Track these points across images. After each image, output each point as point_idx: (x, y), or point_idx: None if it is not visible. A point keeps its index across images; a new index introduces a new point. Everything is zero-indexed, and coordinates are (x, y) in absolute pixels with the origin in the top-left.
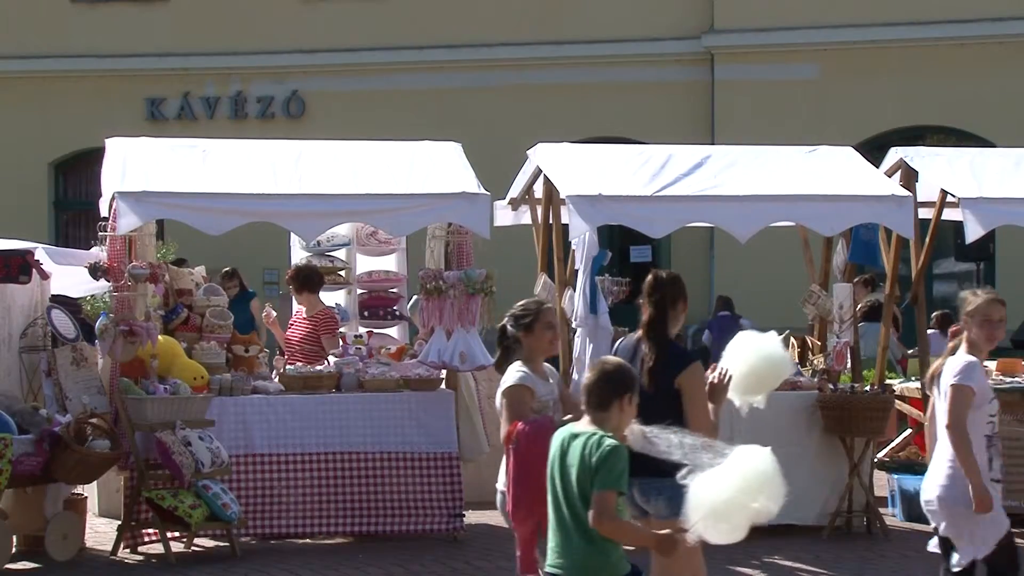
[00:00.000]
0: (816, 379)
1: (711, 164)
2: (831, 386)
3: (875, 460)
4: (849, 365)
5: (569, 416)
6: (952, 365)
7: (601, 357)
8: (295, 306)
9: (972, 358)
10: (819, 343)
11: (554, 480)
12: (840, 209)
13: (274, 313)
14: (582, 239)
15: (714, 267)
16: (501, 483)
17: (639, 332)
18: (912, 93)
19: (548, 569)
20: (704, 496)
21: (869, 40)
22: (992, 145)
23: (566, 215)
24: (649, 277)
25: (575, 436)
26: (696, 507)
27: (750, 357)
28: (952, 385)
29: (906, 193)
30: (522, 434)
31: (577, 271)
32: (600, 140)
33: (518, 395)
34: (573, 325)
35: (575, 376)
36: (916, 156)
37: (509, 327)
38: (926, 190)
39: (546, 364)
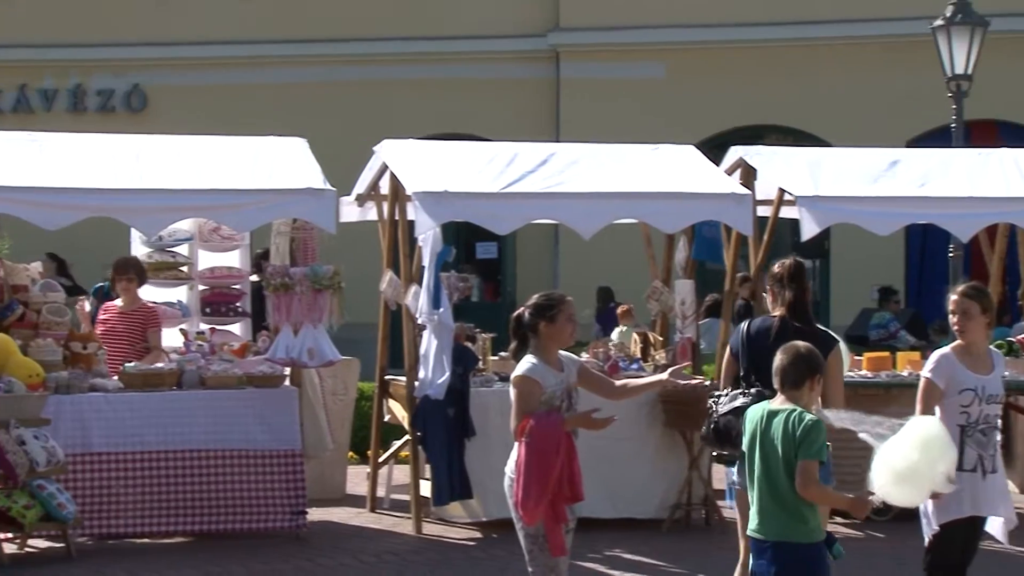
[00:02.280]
0: (667, 375)
1: (556, 161)
2: (681, 380)
3: (713, 453)
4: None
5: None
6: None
7: (791, 342)
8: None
9: (944, 350)
10: (661, 339)
11: (756, 452)
12: (681, 207)
13: (88, 306)
14: (428, 235)
15: (559, 263)
16: (510, 469)
17: (777, 313)
18: (752, 93)
19: (751, 533)
20: (888, 462)
21: (711, 40)
22: (828, 144)
23: (412, 211)
24: (788, 264)
25: (775, 413)
26: (881, 472)
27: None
28: (922, 377)
29: (745, 191)
30: (534, 429)
31: (423, 267)
32: (446, 137)
33: (527, 387)
34: (418, 321)
35: (421, 373)
36: (755, 155)
37: (527, 315)
38: (765, 188)
39: (562, 353)
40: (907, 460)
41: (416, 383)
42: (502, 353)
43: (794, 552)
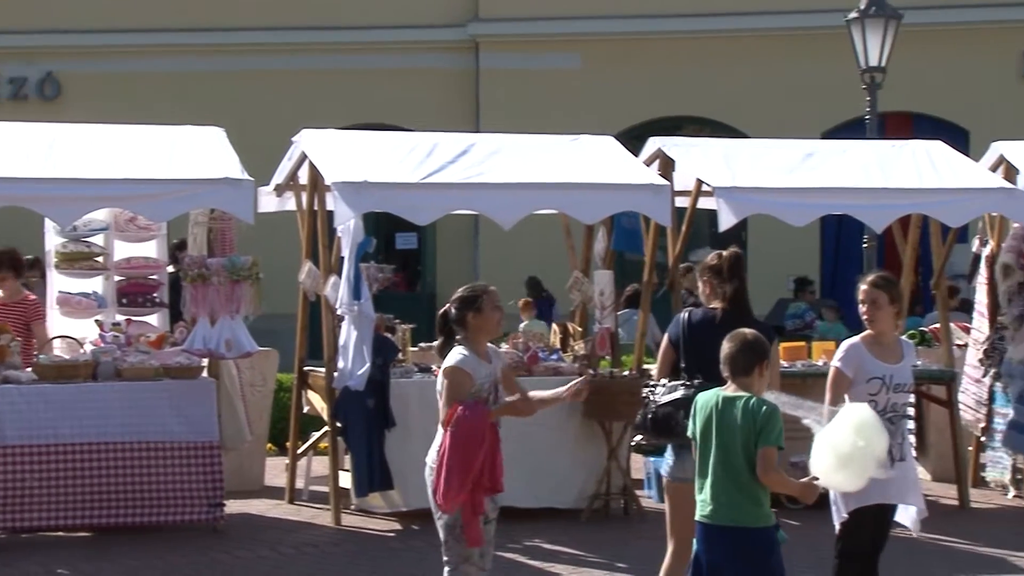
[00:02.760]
0: (577, 364)
1: (476, 152)
2: (591, 371)
3: (632, 443)
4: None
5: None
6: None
7: (737, 330)
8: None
9: (853, 340)
10: (580, 329)
11: (712, 439)
12: (600, 197)
13: None
14: (347, 226)
15: (478, 254)
16: (431, 459)
17: (717, 305)
18: (670, 84)
19: (702, 519)
20: (830, 448)
21: (630, 31)
22: (745, 136)
23: (331, 202)
24: (727, 256)
25: (731, 400)
26: (823, 458)
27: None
28: (832, 366)
29: (663, 182)
30: (460, 419)
31: (342, 258)
32: (366, 127)
33: (458, 378)
34: (337, 312)
35: (340, 364)
36: (673, 146)
37: (453, 310)
38: (683, 179)
39: (489, 345)
40: (848, 445)
41: (335, 374)
42: (422, 344)
43: (749, 536)
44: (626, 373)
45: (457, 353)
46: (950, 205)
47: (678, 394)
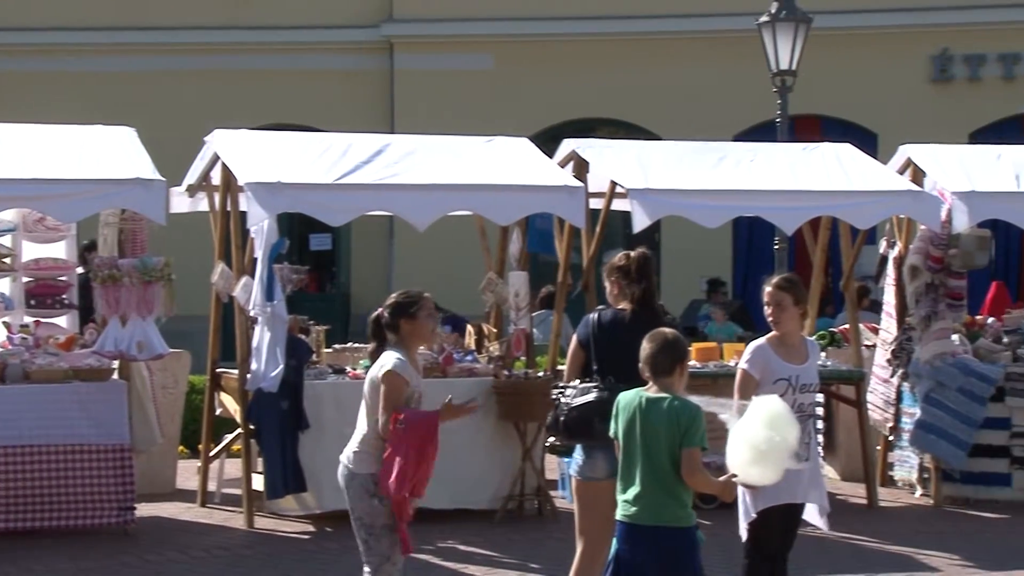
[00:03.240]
0: (491, 365)
1: (390, 152)
2: (506, 372)
3: (546, 444)
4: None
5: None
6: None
7: (657, 330)
8: None
9: (760, 341)
10: (495, 330)
11: (636, 439)
12: (515, 199)
13: None
14: (261, 227)
15: (394, 255)
16: (346, 457)
17: (625, 306)
18: (584, 86)
19: (624, 519)
20: (746, 443)
21: (543, 33)
22: (658, 138)
23: (244, 202)
24: (636, 256)
25: (654, 400)
26: (739, 454)
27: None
28: (739, 368)
29: (578, 184)
30: (410, 419)
31: (256, 259)
32: (279, 127)
33: (396, 382)
34: (250, 313)
35: (253, 366)
36: (587, 147)
37: (387, 315)
38: (597, 181)
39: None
40: (761, 439)
41: (248, 376)
42: (336, 345)
43: (673, 536)
44: (541, 374)
45: (393, 357)
46: (859, 207)
47: (591, 396)
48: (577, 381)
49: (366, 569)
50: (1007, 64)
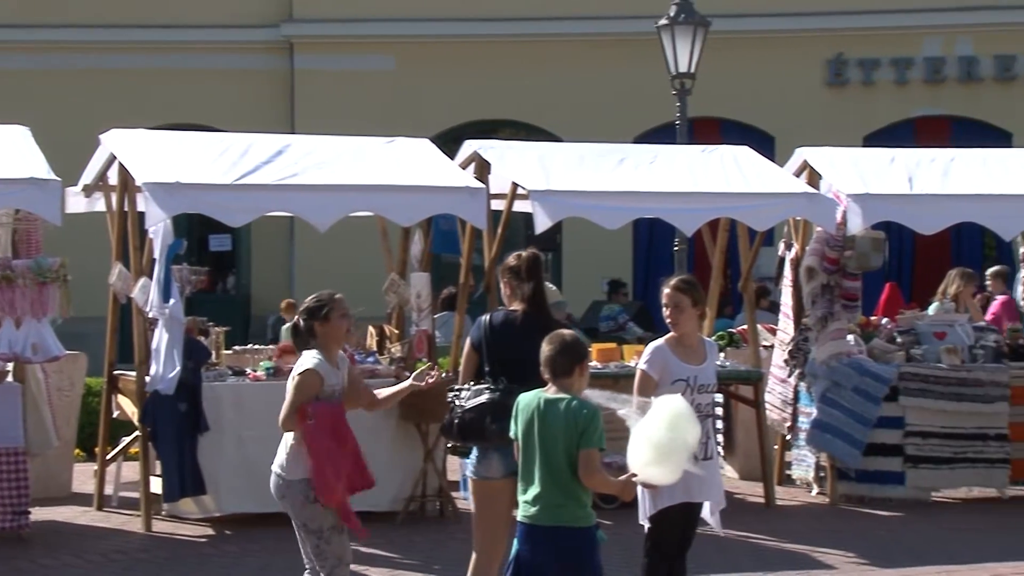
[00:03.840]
0: (393, 367)
1: (291, 153)
2: (407, 373)
3: (447, 446)
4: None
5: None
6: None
7: (556, 331)
8: None
9: (658, 342)
10: (397, 331)
11: (535, 440)
12: (416, 200)
13: None
14: (159, 228)
15: (294, 256)
16: (278, 465)
17: (517, 307)
18: (486, 87)
19: (524, 519)
20: (647, 441)
21: (444, 34)
22: (559, 139)
23: (142, 203)
24: (525, 257)
25: (552, 402)
26: (640, 453)
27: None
28: (638, 369)
29: (479, 185)
30: (318, 411)
31: (154, 260)
32: (178, 127)
33: (310, 380)
34: (148, 315)
35: (151, 368)
36: (489, 149)
37: (301, 321)
38: (498, 182)
39: (339, 354)
40: (663, 437)
41: (147, 378)
42: (236, 347)
43: (573, 536)
44: (443, 375)
45: (313, 357)
46: (756, 209)
47: (483, 398)
48: (471, 384)
49: (309, 574)
50: (900, 68)
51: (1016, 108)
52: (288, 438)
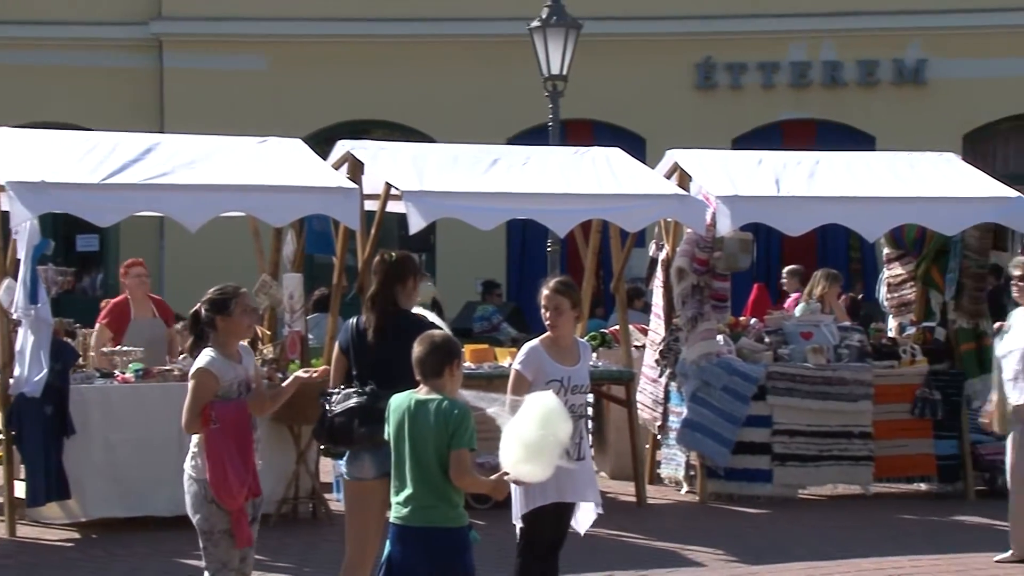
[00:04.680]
0: (266, 368)
1: (160, 152)
2: (280, 375)
3: (321, 447)
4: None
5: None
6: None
7: (427, 332)
8: None
9: (533, 343)
10: (269, 332)
11: (404, 442)
12: (289, 200)
13: None
14: (24, 227)
15: (164, 256)
16: (190, 467)
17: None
18: (358, 87)
19: (396, 520)
20: (518, 439)
21: (316, 34)
22: (433, 140)
23: (6, 202)
24: (376, 260)
25: (423, 402)
26: (512, 451)
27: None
28: (512, 369)
29: (352, 185)
30: (222, 413)
31: (19, 260)
32: (44, 126)
33: (203, 380)
34: (13, 316)
35: (16, 370)
36: (362, 149)
37: (203, 311)
38: (372, 182)
39: (242, 344)
40: (534, 435)
41: (11, 380)
42: (104, 349)
43: (444, 537)
44: (316, 374)
45: (205, 355)
46: (628, 211)
47: (351, 402)
48: (341, 387)
49: (205, 573)
50: (766, 72)
51: (878, 112)
52: (195, 438)
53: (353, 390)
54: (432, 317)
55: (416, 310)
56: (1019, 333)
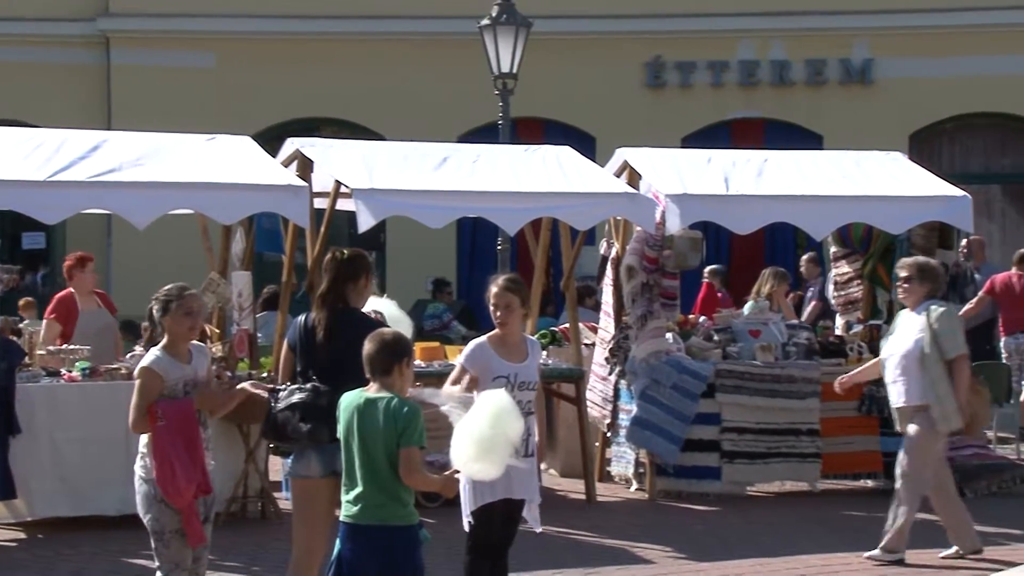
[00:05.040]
0: (214, 367)
1: (107, 149)
2: (228, 373)
3: (270, 445)
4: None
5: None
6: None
7: (378, 330)
8: None
9: (480, 340)
10: (218, 331)
11: (354, 440)
12: (238, 198)
13: None
14: None
15: (111, 254)
16: (140, 467)
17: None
18: (308, 85)
19: (346, 519)
20: (469, 438)
21: (266, 31)
22: (383, 138)
23: None
24: (328, 256)
25: (372, 401)
26: (463, 449)
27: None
28: (457, 364)
29: (302, 183)
30: (168, 411)
31: None
32: None
33: (147, 379)
34: None
35: None
36: (311, 147)
37: (154, 309)
38: (321, 180)
39: (195, 343)
40: (485, 433)
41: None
42: (50, 347)
43: (394, 535)
44: (264, 375)
45: (151, 354)
46: (578, 209)
47: (295, 399)
48: (288, 384)
49: (158, 574)
50: (716, 72)
51: (826, 111)
52: (143, 439)
53: (297, 386)
54: (395, 309)
55: (382, 303)
56: (902, 336)
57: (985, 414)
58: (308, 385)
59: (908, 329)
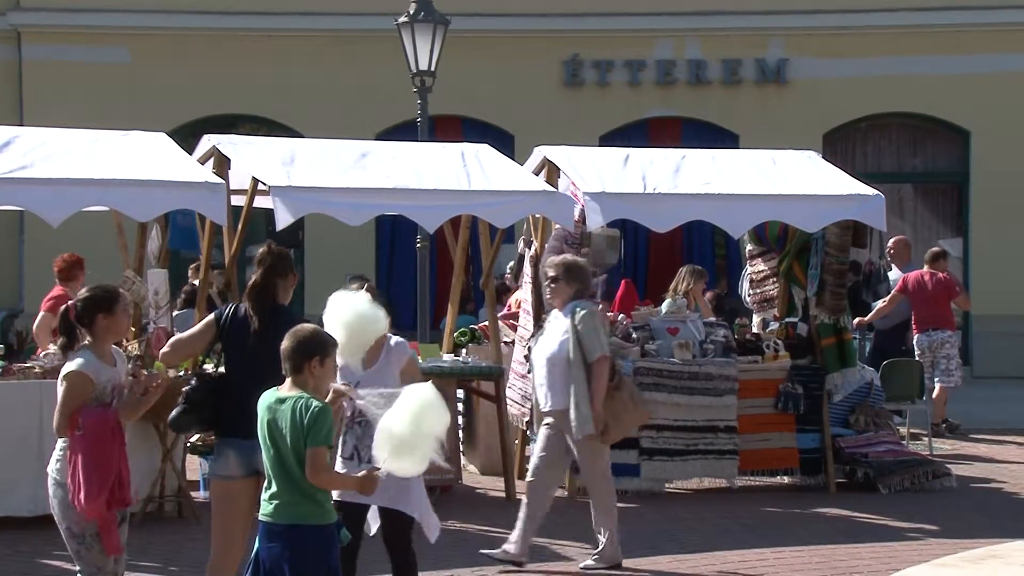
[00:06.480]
0: (130, 365)
1: (19, 145)
2: (145, 372)
3: (188, 444)
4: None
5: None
6: None
7: (299, 326)
8: None
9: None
10: (133, 329)
11: (267, 440)
12: (154, 195)
13: None
14: None
15: (23, 251)
16: (53, 469)
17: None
18: (225, 81)
19: (263, 518)
20: (389, 434)
21: (181, 27)
22: (300, 135)
23: None
24: (263, 248)
25: (282, 400)
26: (382, 445)
27: (346, 317)
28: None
29: (219, 180)
30: (87, 420)
31: None
32: None
33: (79, 382)
34: None
35: None
36: (228, 144)
37: (81, 308)
38: (239, 178)
39: (114, 347)
40: (408, 429)
41: None
42: None
43: (308, 534)
44: (181, 374)
45: (80, 356)
46: (497, 206)
47: (187, 388)
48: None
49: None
50: (633, 70)
51: (742, 110)
52: (60, 442)
53: (195, 374)
54: (368, 305)
55: (356, 298)
56: (549, 339)
57: (631, 418)
58: (196, 372)
59: (555, 331)
